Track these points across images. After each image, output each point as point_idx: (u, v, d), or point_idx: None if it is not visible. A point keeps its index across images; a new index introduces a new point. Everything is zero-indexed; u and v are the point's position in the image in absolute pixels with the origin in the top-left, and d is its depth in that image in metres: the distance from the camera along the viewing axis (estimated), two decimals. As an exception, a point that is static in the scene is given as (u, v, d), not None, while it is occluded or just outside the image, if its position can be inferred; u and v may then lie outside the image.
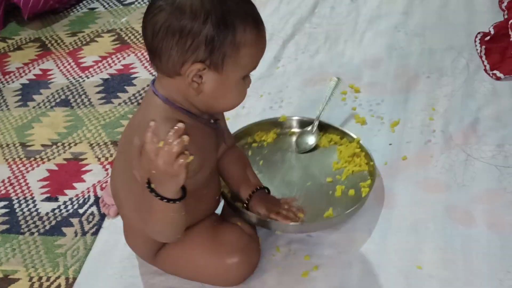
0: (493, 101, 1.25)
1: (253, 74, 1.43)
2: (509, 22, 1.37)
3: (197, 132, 0.88)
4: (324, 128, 1.19)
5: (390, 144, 1.20)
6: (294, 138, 1.20)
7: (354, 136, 1.15)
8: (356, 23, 1.57)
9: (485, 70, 1.31)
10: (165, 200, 0.81)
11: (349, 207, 1.03)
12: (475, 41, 1.39)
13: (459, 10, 1.52)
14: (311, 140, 1.18)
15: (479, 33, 1.39)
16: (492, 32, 1.37)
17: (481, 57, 1.34)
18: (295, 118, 1.22)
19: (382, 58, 1.43)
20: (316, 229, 1.05)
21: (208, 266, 0.99)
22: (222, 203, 1.12)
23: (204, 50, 0.81)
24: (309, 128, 1.18)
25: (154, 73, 0.92)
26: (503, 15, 1.43)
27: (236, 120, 1.33)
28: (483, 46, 1.35)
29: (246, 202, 1.03)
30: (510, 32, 1.35)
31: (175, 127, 0.76)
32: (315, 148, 1.17)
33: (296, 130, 1.21)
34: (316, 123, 1.18)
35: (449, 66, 1.36)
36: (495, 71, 1.29)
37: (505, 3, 1.46)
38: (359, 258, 1.02)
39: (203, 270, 1.00)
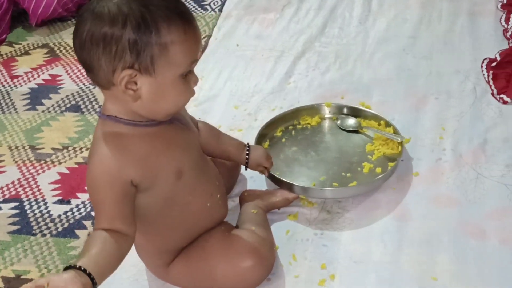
0: (501, 124, 1.29)
1: (265, 89, 1.50)
2: (514, 50, 1.43)
3: (144, 139, 0.87)
4: (367, 117, 1.30)
5: (402, 160, 1.24)
6: (337, 122, 1.30)
7: (392, 124, 1.25)
8: (365, 44, 1.61)
9: (492, 94, 1.36)
10: None
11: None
12: (481, 67, 1.44)
13: (464, 36, 1.58)
14: (353, 121, 1.29)
15: (485, 59, 1.45)
16: (498, 59, 1.42)
17: (488, 81, 1.39)
18: (340, 104, 1.33)
19: (391, 79, 1.48)
20: (346, 195, 1.15)
21: (222, 272, 0.99)
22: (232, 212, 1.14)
23: (129, 55, 0.79)
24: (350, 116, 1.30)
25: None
26: (508, 43, 1.49)
27: (249, 132, 1.35)
28: (490, 72, 1.41)
29: (246, 162, 1.11)
30: (515, 59, 1.41)
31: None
32: (356, 131, 1.27)
33: (338, 116, 1.32)
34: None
35: (456, 89, 1.41)
36: (502, 95, 1.34)
37: (510, 32, 1.52)
38: (374, 268, 1.03)
39: (218, 277, 1.00)
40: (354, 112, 1.31)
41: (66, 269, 0.75)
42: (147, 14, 0.79)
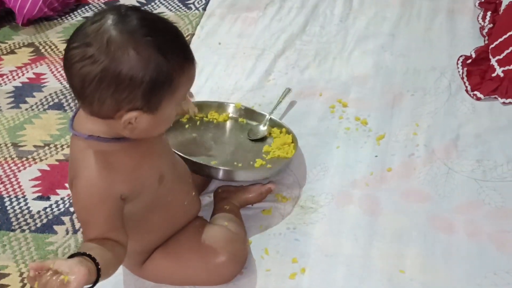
0: (473, 120, 1.31)
1: (245, 86, 1.52)
2: (490, 47, 1.44)
3: (127, 153, 0.87)
4: (272, 123, 1.31)
5: (376, 156, 1.26)
6: (242, 124, 1.32)
7: (292, 130, 1.27)
8: (345, 42, 1.63)
9: (466, 90, 1.38)
10: None
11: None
12: (457, 64, 1.46)
13: (442, 34, 1.60)
14: (261, 131, 1.29)
15: (461, 56, 1.47)
16: (473, 56, 1.44)
17: (462, 78, 1.41)
18: (249, 107, 1.35)
19: (369, 76, 1.49)
20: (235, 177, 1.15)
21: (197, 269, 1.02)
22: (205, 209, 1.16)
23: (140, 101, 0.79)
24: (261, 123, 1.31)
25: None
26: (484, 41, 1.51)
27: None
28: (465, 68, 1.43)
29: None
30: (490, 56, 1.42)
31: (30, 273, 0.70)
32: (263, 139, 1.28)
33: (246, 119, 1.33)
34: (268, 117, 1.31)
35: (432, 86, 1.43)
36: (475, 92, 1.36)
37: (486, 30, 1.53)
38: (345, 262, 1.06)
39: (192, 273, 1.02)
40: (260, 118, 1.31)
41: (71, 256, 0.74)
42: (165, 67, 0.78)
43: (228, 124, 1.33)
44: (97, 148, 0.84)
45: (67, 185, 1.30)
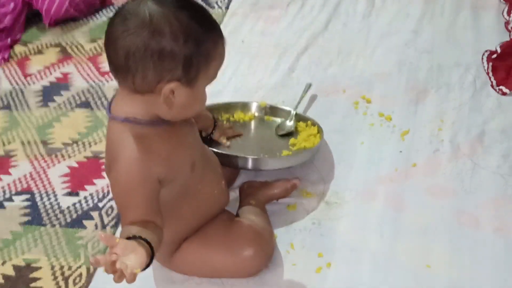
0: (499, 115, 1.31)
1: (268, 84, 1.53)
2: (515, 42, 1.44)
3: (162, 137, 0.89)
4: (298, 117, 1.32)
5: (400, 152, 1.26)
6: (268, 122, 1.34)
7: (317, 122, 1.28)
8: (368, 39, 1.63)
9: (492, 85, 1.38)
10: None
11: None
12: (482, 59, 1.45)
13: (466, 29, 1.59)
14: (288, 126, 1.30)
15: (486, 51, 1.46)
16: (499, 51, 1.43)
17: (488, 73, 1.41)
18: (273, 105, 1.36)
19: (392, 72, 1.50)
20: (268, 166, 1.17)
21: (224, 261, 1.03)
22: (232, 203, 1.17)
23: (181, 70, 0.82)
24: (287, 119, 1.32)
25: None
26: (509, 35, 1.50)
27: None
28: (490, 64, 1.42)
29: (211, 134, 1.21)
30: (516, 51, 1.42)
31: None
32: (290, 133, 1.29)
33: (271, 116, 1.35)
34: (294, 112, 1.31)
35: (456, 82, 1.43)
36: (501, 87, 1.36)
37: (511, 24, 1.53)
38: (370, 257, 1.06)
39: (220, 266, 1.04)
40: (286, 114, 1.33)
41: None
42: (204, 39, 0.82)
43: (254, 122, 1.34)
44: (134, 131, 0.87)
45: (95, 181, 1.33)
